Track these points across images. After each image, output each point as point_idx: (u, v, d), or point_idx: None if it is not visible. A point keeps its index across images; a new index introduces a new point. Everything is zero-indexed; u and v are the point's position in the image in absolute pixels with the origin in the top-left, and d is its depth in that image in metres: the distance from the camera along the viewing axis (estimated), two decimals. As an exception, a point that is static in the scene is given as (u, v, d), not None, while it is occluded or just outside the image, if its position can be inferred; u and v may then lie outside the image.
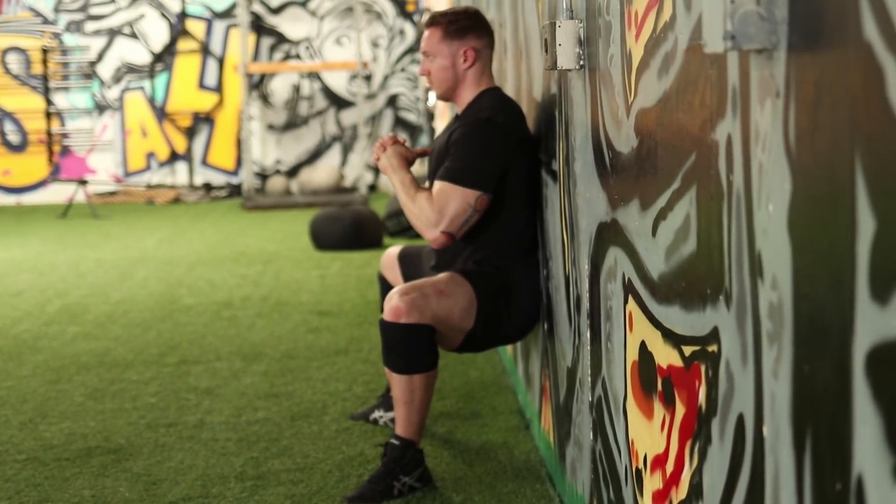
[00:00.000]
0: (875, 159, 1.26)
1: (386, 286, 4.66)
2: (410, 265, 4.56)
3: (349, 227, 9.84)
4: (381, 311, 3.96)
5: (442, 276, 4.02)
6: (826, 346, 1.42)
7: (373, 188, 15.64)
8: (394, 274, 4.63)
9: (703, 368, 1.99)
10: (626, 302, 2.63)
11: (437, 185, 4.04)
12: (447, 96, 4.29)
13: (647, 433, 2.44)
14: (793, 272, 1.53)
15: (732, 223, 1.78)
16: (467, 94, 4.25)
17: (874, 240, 1.26)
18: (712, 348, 1.92)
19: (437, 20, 4.24)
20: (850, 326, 1.33)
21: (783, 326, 1.57)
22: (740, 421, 1.78)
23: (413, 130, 15.67)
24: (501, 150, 4.07)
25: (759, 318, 1.67)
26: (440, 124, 12.92)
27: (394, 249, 4.70)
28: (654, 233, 2.31)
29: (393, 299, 3.87)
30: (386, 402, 4.68)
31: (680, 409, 2.16)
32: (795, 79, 1.50)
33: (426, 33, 4.25)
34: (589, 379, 3.17)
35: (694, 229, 2.01)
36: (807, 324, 1.49)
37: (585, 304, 3.19)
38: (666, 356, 2.26)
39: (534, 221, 4.20)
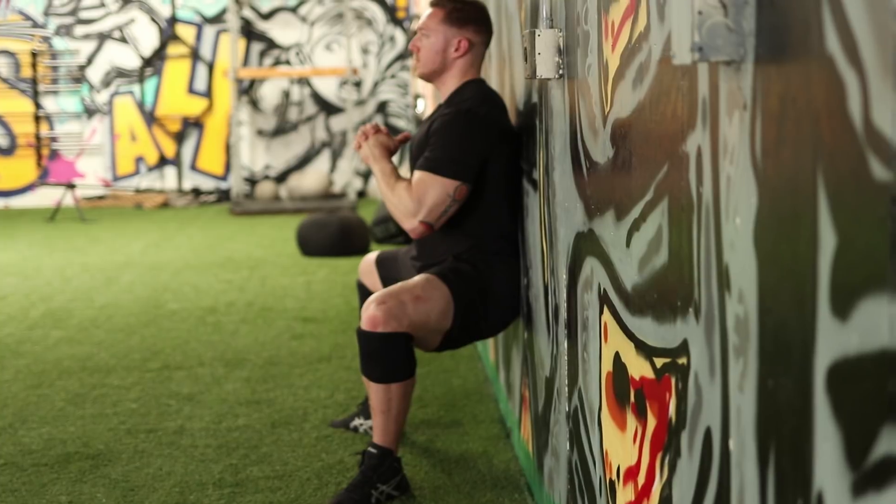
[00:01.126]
0: (836, 175, 1.25)
1: (365, 293, 4.65)
2: (388, 268, 4.56)
3: (336, 233, 9.82)
4: (360, 319, 3.95)
5: (418, 279, 4.00)
6: (789, 360, 1.41)
7: (362, 194, 15.63)
8: (372, 279, 4.62)
9: (673, 381, 1.98)
10: (601, 312, 2.62)
11: (417, 174, 4.04)
12: (429, 78, 4.28)
13: (621, 445, 2.43)
14: (758, 286, 1.52)
15: (702, 236, 1.78)
16: (451, 83, 4.24)
17: (835, 256, 1.25)
18: (682, 361, 1.91)
19: (443, 2, 4.23)
20: (812, 342, 1.32)
21: (749, 340, 1.56)
22: (708, 434, 1.77)
23: (402, 137, 15.65)
24: (482, 141, 4.06)
25: (726, 332, 1.67)
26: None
27: (371, 255, 4.70)
28: (628, 243, 2.30)
29: (370, 308, 3.86)
30: (366, 410, 4.66)
31: (651, 421, 2.15)
32: (762, 91, 1.49)
33: (429, 10, 4.24)
34: (566, 389, 3.16)
35: (666, 241, 2.00)
36: (771, 338, 1.48)
37: (563, 314, 3.18)
38: (638, 368, 2.25)
39: (513, 213, 4.19)
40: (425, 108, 11.87)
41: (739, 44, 1.55)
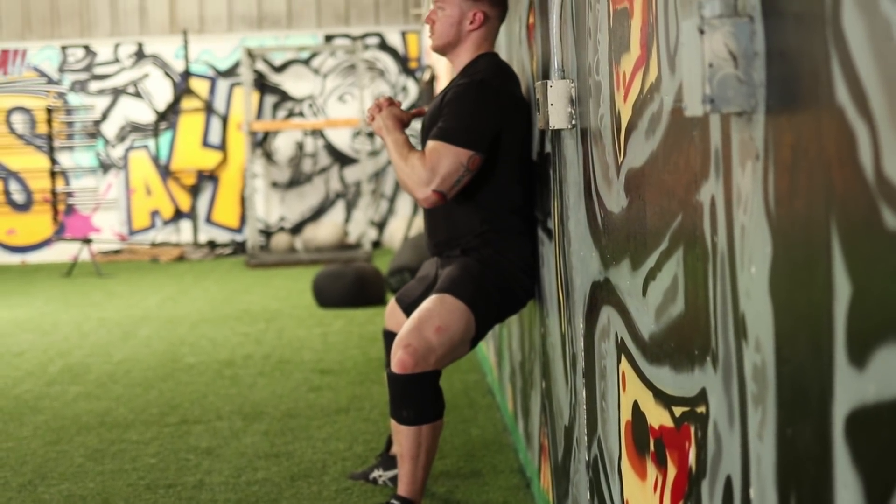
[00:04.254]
0: (849, 224, 1.26)
1: (391, 340, 4.63)
2: (408, 296, 4.50)
3: (352, 284, 9.84)
4: (386, 366, 3.99)
5: (432, 305, 4.01)
6: (807, 409, 1.41)
7: (377, 245, 15.66)
8: (397, 320, 4.59)
9: (692, 429, 1.98)
10: (619, 361, 2.63)
11: (430, 144, 4.04)
12: (443, 51, 4.28)
13: (641, 494, 2.43)
14: (775, 335, 1.53)
15: (717, 285, 1.79)
16: (465, 56, 4.25)
17: (850, 304, 1.26)
18: (701, 409, 1.92)
19: None
20: (830, 390, 1.33)
21: (767, 389, 1.57)
22: (728, 483, 1.77)
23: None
24: (495, 112, 4.07)
25: (744, 380, 1.67)
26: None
27: (392, 300, 4.69)
28: (644, 293, 2.31)
29: (398, 353, 3.94)
30: (385, 462, 4.66)
31: (672, 470, 2.15)
32: (774, 142, 1.50)
33: None
34: (585, 438, 3.16)
35: (682, 290, 2.01)
36: (789, 387, 1.49)
37: (581, 363, 3.18)
38: (658, 416, 2.25)
39: (525, 186, 4.19)
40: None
41: (750, 95, 1.56)
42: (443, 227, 4.23)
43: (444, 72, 10.92)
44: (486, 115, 4.06)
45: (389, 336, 4.66)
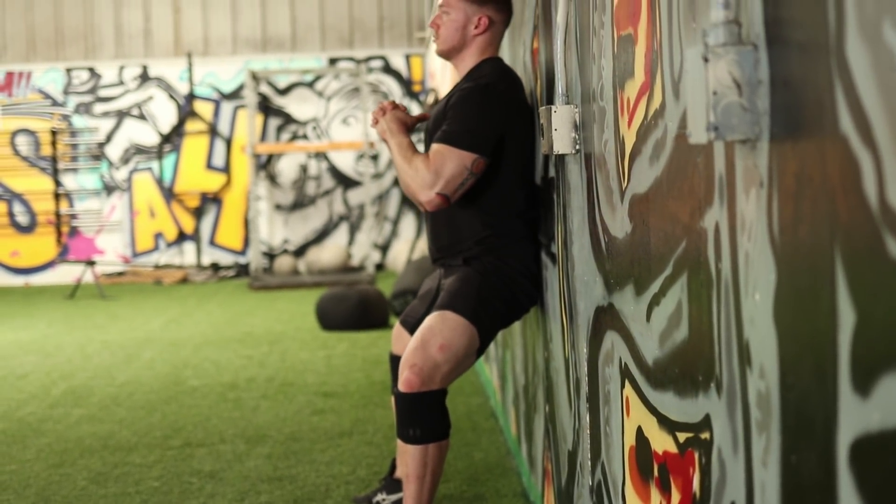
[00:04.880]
0: (853, 252, 1.27)
1: (397, 364, 4.63)
2: (412, 317, 4.49)
3: (355, 307, 9.84)
4: (392, 389, 4.00)
5: (434, 322, 4.02)
6: (811, 436, 1.41)
7: (380, 267, 15.66)
8: (402, 343, 4.58)
9: (696, 455, 1.98)
10: (622, 386, 2.63)
11: (434, 147, 4.04)
12: (448, 55, 4.28)
13: (645, 519, 2.43)
14: (779, 361, 1.53)
15: (722, 311, 1.79)
16: (469, 60, 4.25)
17: (854, 332, 1.26)
18: (705, 435, 1.92)
19: None
20: (834, 417, 1.33)
21: (771, 415, 1.57)
22: (732, 510, 1.77)
23: (420, 210, 15.71)
24: (499, 115, 4.08)
25: (748, 407, 1.67)
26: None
27: (397, 323, 4.67)
28: (648, 318, 2.31)
29: (404, 373, 3.96)
30: (389, 486, 4.65)
31: (675, 496, 2.15)
32: (778, 169, 1.51)
33: None
34: (589, 463, 3.16)
35: (686, 316, 2.02)
36: (793, 414, 1.49)
37: (584, 388, 3.18)
38: (661, 442, 2.25)
39: (528, 191, 4.19)
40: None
41: (754, 123, 1.57)
42: (445, 232, 4.23)
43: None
44: (491, 119, 4.07)
45: (396, 360, 4.65)
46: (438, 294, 4.28)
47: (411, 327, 4.46)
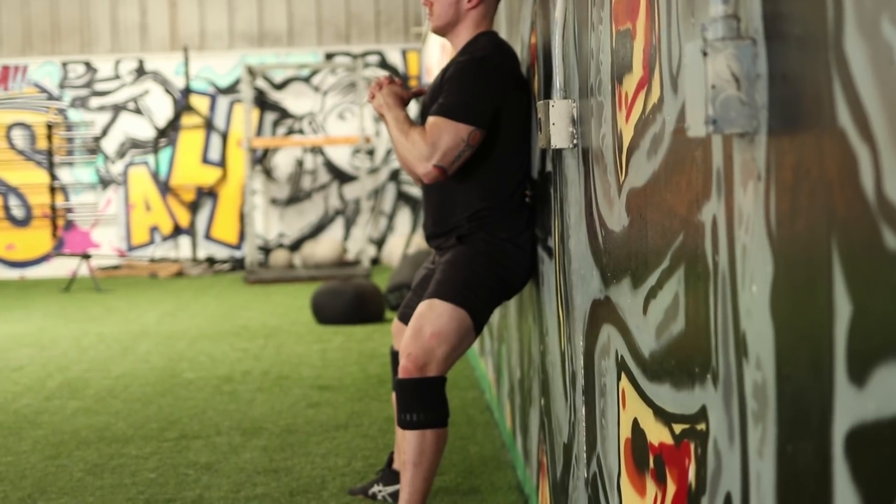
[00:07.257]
0: (850, 244, 1.28)
1: (398, 360, 4.64)
2: (409, 310, 4.49)
3: (351, 301, 9.85)
4: (393, 383, 4.04)
5: (427, 310, 4.04)
6: (807, 427, 1.43)
7: (376, 262, 15.67)
8: (402, 338, 4.59)
9: (692, 447, 2.00)
10: (619, 379, 2.64)
11: (431, 119, 4.04)
12: (443, 31, 4.28)
13: (641, 511, 2.44)
14: (775, 353, 1.55)
15: (718, 303, 1.80)
16: (464, 35, 4.25)
17: (850, 323, 1.28)
18: (701, 427, 1.93)
19: None
20: (830, 408, 1.34)
21: (767, 406, 1.58)
22: (728, 500, 1.78)
23: (415, 204, 15.73)
24: (495, 88, 4.09)
25: (744, 398, 1.69)
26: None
27: (395, 319, 4.68)
28: (644, 311, 2.33)
29: (402, 361, 4.01)
30: (386, 477, 4.67)
31: (671, 487, 2.17)
32: (775, 163, 1.53)
33: None
34: (584, 455, 3.17)
35: (682, 308, 2.03)
36: (789, 404, 1.50)
37: (580, 381, 3.20)
38: (657, 434, 2.26)
39: (526, 162, 4.20)
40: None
41: (752, 116, 1.58)
42: (441, 205, 4.23)
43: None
44: (487, 91, 4.07)
45: (396, 356, 4.66)
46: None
47: (408, 312, 4.48)
